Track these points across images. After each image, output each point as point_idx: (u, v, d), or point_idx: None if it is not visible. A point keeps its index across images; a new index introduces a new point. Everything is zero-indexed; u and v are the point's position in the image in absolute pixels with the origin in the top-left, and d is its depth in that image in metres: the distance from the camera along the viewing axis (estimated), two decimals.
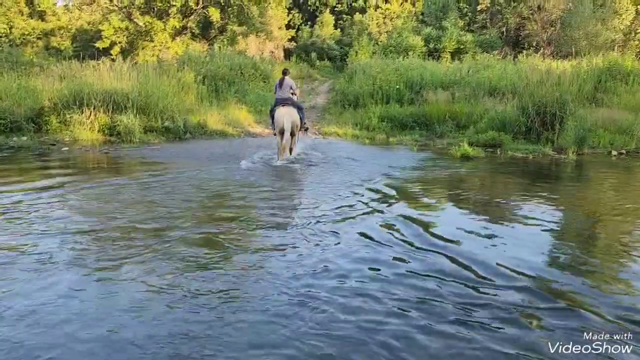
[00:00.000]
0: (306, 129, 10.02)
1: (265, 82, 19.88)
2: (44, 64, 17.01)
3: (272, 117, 8.91)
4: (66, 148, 9.49)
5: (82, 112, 10.70)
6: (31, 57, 22.13)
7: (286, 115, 8.52)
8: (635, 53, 21.44)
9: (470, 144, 9.68)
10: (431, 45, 27.53)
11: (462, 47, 27.22)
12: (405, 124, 12.79)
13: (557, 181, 7.63)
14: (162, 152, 9.31)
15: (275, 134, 8.92)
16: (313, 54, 34.88)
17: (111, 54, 20.56)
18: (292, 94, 8.95)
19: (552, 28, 28.05)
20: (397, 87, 14.83)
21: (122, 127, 10.55)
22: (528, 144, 10.18)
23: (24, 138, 10.09)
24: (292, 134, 8.69)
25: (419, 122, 12.75)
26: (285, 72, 9.11)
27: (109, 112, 10.90)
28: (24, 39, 27.34)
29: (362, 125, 12.96)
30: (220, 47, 22.40)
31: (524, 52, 24.58)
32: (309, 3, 42.13)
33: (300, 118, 8.96)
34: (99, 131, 10.76)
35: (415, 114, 12.93)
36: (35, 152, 8.99)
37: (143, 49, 21.62)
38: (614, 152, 9.69)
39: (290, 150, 8.92)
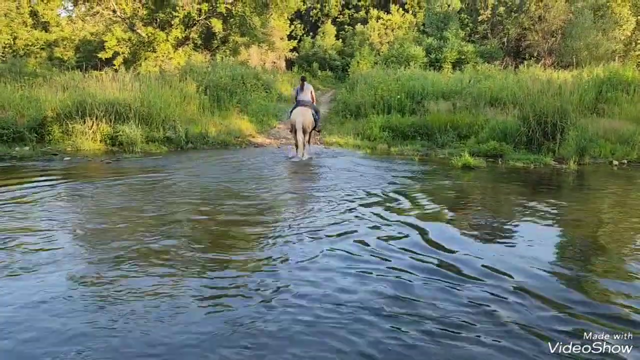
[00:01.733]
0: (319, 130, 11.00)
1: (267, 92, 19.99)
2: (47, 75, 17.11)
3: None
4: (68, 158, 9.52)
5: (85, 123, 10.76)
6: (34, 67, 22.31)
7: (299, 115, 9.56)
8: (636, 63, 21.48)
9: (472, 154, 9.66)
10: (432, 56, 27.68)
11: (463, 57, 27.38)
12: (407, 134, 12.78)
13: (558, 191, 7.60)
14: (163, 162, 9.32)
15: (290, 131, 10.08)
16: (315, 64, 35.11)
17: (114, 65, 20.71)
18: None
19: (553, 38, 28.21)
20: (399, 97, 14.86)
21: (124, 137, 10.60)
22: (529, 154, 10.17)
23: (26, 148, 10.12)
24: (304, 132, 9.66)
25: (420, 132, 12.74)
26: (304, 79, 10.36)
27: (111, 122, 10.95)
28: (27, 49, 27.59)
29: (363, 135, 12.96)
30: (222, 57, 22.52)
31: (525, 62, 24.66)
32: (311, 14, 42.42)
33: (316, 120, 10.03)
34: (101, 141, 10.80)
35: (417, 124, 12.93)
36: (37, 162, 9.01)
37: (145, 59, 21.75)
38: (615, 162, 9.67)
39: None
